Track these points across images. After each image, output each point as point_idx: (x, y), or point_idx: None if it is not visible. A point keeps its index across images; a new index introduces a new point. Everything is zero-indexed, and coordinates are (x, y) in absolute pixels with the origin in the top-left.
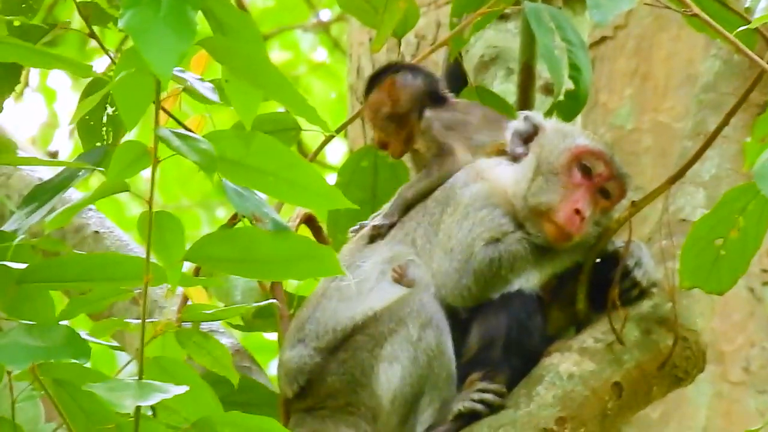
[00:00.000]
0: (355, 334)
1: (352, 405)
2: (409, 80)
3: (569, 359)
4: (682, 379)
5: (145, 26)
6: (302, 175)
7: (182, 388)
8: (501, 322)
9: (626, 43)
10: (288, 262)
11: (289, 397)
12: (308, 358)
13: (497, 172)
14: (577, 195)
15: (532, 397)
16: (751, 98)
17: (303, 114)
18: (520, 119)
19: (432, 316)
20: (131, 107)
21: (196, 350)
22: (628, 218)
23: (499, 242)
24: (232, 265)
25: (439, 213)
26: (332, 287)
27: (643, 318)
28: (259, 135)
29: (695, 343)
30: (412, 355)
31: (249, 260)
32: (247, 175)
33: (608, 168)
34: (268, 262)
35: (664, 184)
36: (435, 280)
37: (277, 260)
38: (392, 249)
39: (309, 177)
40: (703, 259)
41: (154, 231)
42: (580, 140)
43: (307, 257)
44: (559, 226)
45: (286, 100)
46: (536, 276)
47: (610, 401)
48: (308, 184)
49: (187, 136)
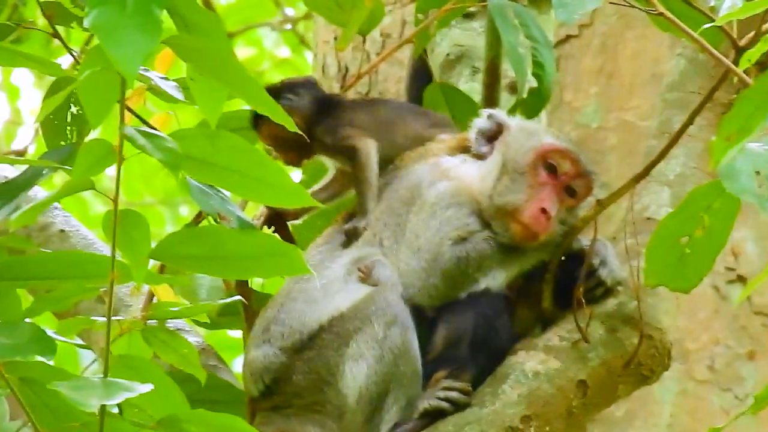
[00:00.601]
0: (321, 333)
1: (318, 403)
2: (295, 103)
3: (535, 357)
4: (647, 377)
5: (111, 25)
6: (267, 173)
7: (148, 386)
8: (467, 320)
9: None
10: (253, 260)
11: (255, 395)
12: (274, 357)
13: (463, 170)
14: (543, 194)
15: (498, 396)
16: (716, 97)
17: (268, 111)
18: (483, 117)
19: (397, 314)
20: (96, 106)
21: (162, 348)
22: (594, 217)
23: (466, 241)
24: (198, 263)
25: (405, 213)
26: (296, 289)
27: (608, 316)
28: (224, 133)
29: (660, 342)
30: (377, 353)
31: (215, 258)
32: (212, 173)
33: (574, 166)
34: (234, 259)
35: (629, 183)
36: (402, 280)
37: (243, 258)
38: (359, 249)
39: (274, 174)
40: (668, 258)
41: (119, 229)
42: (546, 139)
43: (272, 255)
44: (526, 225)
45: (252, 98)
46: (503, 275)
47: (576, 399)
48: (273, 181)
49: (152, 134)
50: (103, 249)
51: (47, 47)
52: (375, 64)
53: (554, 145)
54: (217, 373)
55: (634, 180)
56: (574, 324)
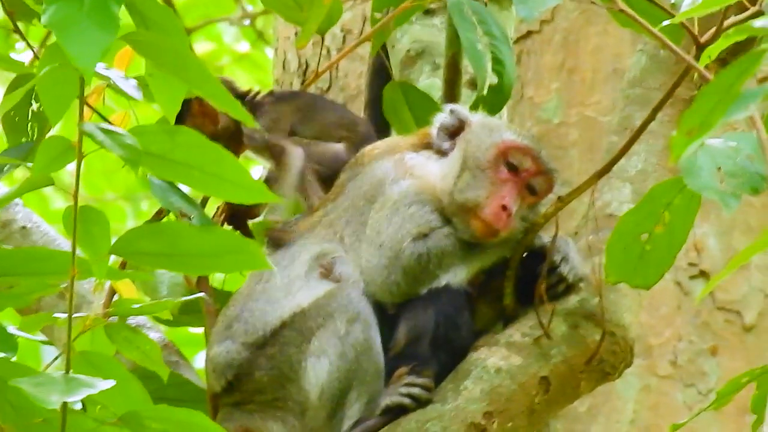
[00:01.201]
0: (283, 330)
1: (280, 400)
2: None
3: (496, 354)
4: (609, 373)
5: (68, 21)
6: (227, 169)
7: (110, 382)
8: (429, 317)
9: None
10: (214, 257)
11: (217, 391)
12: (236, 353)
13: (426, 168)
14: (503, 191)
15: (460, 392)
16: (677, 93)
17: (226, 107)
18: (445, 113)
19: (359, 310)
20: (55, 102)
21: (125, 345)
22: (555, 213)
23: (427, 238)
24: (159, 259)
25: (367, 210)
26: (258, 289)
27: (570, 313)
28: (183, 129)
29: (622, 338)
30: (339, 350)
31: (175, 254)
32: (172, 170)
33: (535, 163)
34: (195, 256)
35: (590, 179)
36: (363, 276)
37: (204, 254)
38: (320, 246)
39: (234, 171)
40: (629, 254)
41: (79, 225)
42: (506, 135)
43: (233, 251)
44: (486, 222)
45: (210, 94)
46: (464, 271)
47: (538, 396)
48: (233, 177)
49: (112, 130)
50: (64, 245)
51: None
52: (335, 61)
53: (515, 142)
54: (178, 370)
55: (596, 176)
56: (535, 321)
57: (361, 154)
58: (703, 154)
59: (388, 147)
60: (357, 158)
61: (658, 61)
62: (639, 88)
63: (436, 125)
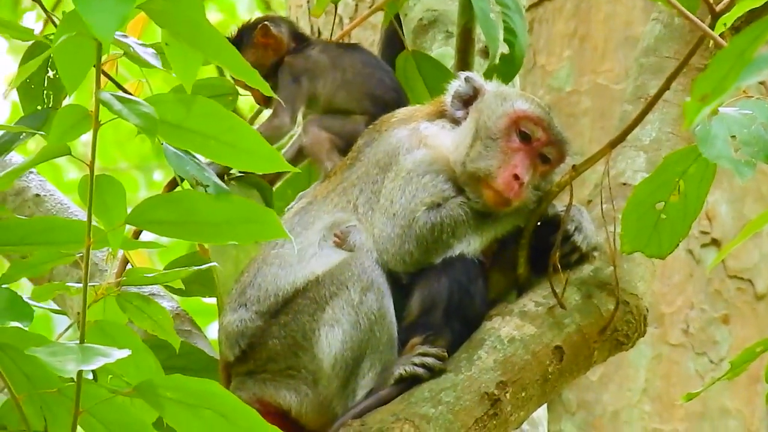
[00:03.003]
0: (296, 298)
1: (293, 368)
2: (274, 28)
3: (510, 323)
4: (623, 343)
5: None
6: (244, 138)
7: (125, 351)
8: (442, 286)
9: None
10: (230, 225)
11: (230, 360)
12: (249, 321)
13: (440, 138)
14: (515, 160)
15: (473, 362)
16: (691, 62)
17: (244, 76)
18: (460, 80)
19: (373, 279)
20: (72, 71)
21: (137, 314)
22: (569, 182)
23: (441, 207)
24: (174, 228)
25: (381, 179)
26: (273, 254)
27: (583, 282)
28: (199, 98)
29: (636, 308)
30: (353, 318)
31: (191, 223)
32: (188, 139)
33: (547, 133)
34: (210, 224)
35: (604, 148)
36: (377, 246)
37: (219, 223)
38: (333, 215)
39: (251, 140)
40: (644, 223)
41: (95, 195)
42: (518, 104)
43: (249, 220)
44: (498, 191)
45: (227, 62)
46: (477, 240)
47: (551, 365)
48: (250, 147)
49: (129, 99)
50: (78, 214)
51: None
52: (348, 30)
53: (527, 111)
54: (191, 339)
55: (610, 145)
56: (549, 290)
57: (380, 120)
58: (717, 123)
59: (405, 115)
60: (375, 124)
61: (672, 29)
62: (653, 57)
63: (450, 93)
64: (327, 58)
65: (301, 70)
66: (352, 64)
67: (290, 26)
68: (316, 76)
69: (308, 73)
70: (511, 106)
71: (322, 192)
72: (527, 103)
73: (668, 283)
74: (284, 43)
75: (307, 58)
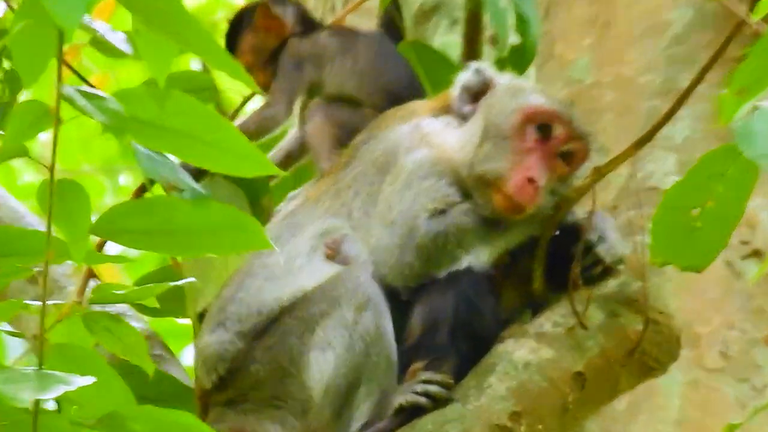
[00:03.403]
0: (282, 317)
1: (279, 397)
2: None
3: (525, 346)
4: (653, 368)
5: None
6: (224, 137)
7: (89, 378)
8: (447, 303)
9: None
10: (209, 235)
11: (207, 388)
12: (229, 344)
13: (444, 136)
14: (529, 161)
15: (483, 389)
16: (727, 51)
17: (224, 68)
18: (469, 72)
19: (369, 296)
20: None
21: (105, 336)
22: (591, 185)
23: (445, 214)
24: (147, 239)
25: (378, 182)
26: (257, 264)
27: (608, 299)
28: (174, 93)
29: (668, 327)
30: (347, 340)
31: (165, 233)
32: (161, 138)
33: (566, 129)
34: (187, 234)
35: (630, 148)
36: (373, 257)
37: (197, 233)
38: (325, 222)
39: (231, 139)
40: (676, 232)
41: (55, 201)
42: (532, 99)
43: (230, 229)
44: (509, 196)
45: (205, 53)
46: (487, 251)
47: (571, 393)
48: (230, 147)
49: (94, 94)
50: (34, 223)
51: None
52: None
53: (541, 106)
54: (163, 365)
55: (636, 145)
56: (568, 308)
57: (382, 116)
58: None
59: (408, 111)
60: (376, 120)
61: (704, 15)
62: (683, 46)
63: (458, 85)
64: (337, 43)
65: (305, 56)
66: (366, 52)
67: (297, 8)
68: (322, 63)
69: (313, 58)
70: (525, 101)
71: (314, 194)
72: (542, 97)
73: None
74: (288, 26)
75: (314, 43)
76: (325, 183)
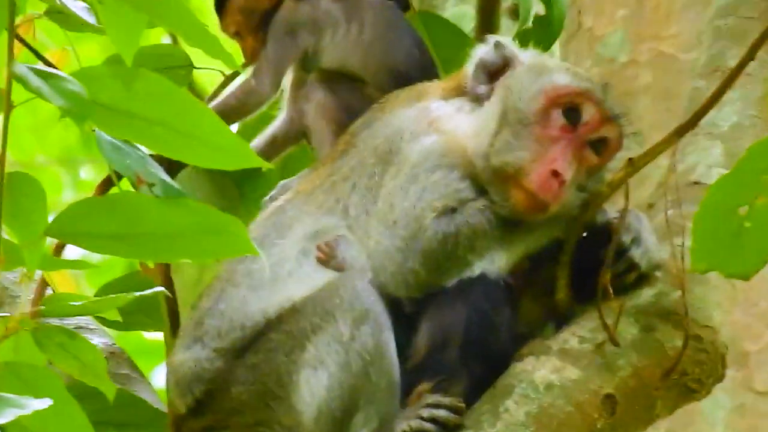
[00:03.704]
0: (268, 332)
1: (264, 423)
2: None
3: (547, 365)
4: (694, 390)
5: None
6: (200, 125)
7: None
8: (457, 316)
9: None
10: (183, 238)
11: (182, 412)
12: (207, 362)
13: (456, 121)
14: (554, 151)
15: (499, 414)
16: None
17: (201, 44)
18: (488, 46)
19: (368, 308)
20: None
21: (60, 354)
22: (624, 180)
23: (456, 213)
24: (111, 242)
25: (379, 173)
26: (240, 271)
27: (642, 311)
28: (142, 73)
29: (711, 344)
30: (342, 359)
31: (132, 236)
32: (128, 125)
33: (598, 112)
34: (158, 237)
35: (669, 136)
36: (372, 262)
37: (170, 235)
38: (318, 221)
39: (208, 127)
40: (721, 234)
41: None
42: (558, 78)
43: (208, 231)
44: (531, 192)
45: (179, 27)
46: (504, 256)
47: (601, 419)
48: (207, 136)
49: (51, 73)
50: None
51: None
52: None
53: (569, 86)
54: (131, 386)
55: (677, 132)
56: (597, 321)
57: (387, 98)
58: None
59: (415, 93)
60: (380, 102)
61: None
62: (732, 18)
63: (473, 62)
64: (340, 9)
65: (301, 21)
66: (374, 22)
67: None
68: (321, 30)
69: (311, 24)
70: (549, 81)
71: (307, 186)
72: (569, 76)
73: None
74: None
75: (314, 6)
76: (319, 175)
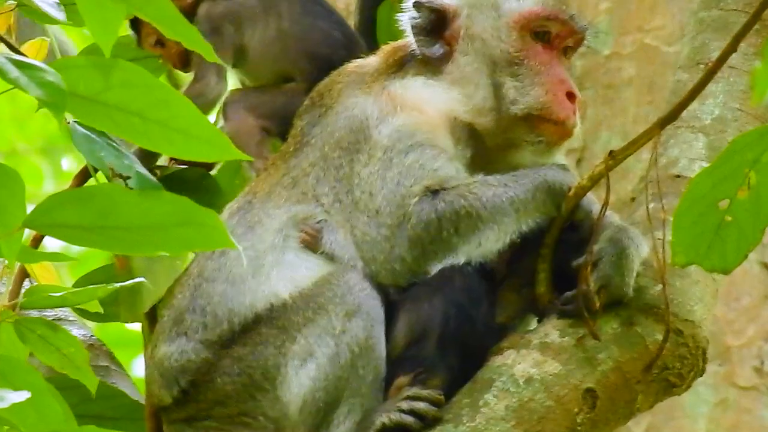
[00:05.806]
0: (258, 326)
1: (248, 414)
2: None
3: (527, 358)
4: (675, 384)
5: None
6: (179, 116)
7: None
8: (435, 308)
9: None
10: (160, 231)
11: (166, 404)
12: (194, 353)
13: (423, 94)
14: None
15: (478, 408)
16: (764, 17)
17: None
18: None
19: (361, 302)
20: None
21: (40, 346)
22: (605, 173)
23: (438, 194)
24: (87, 234)
25: (347, 164)
26: (211, 267)
27: (624, 305)
28: (121, 63)
29: (692, 338)
30: (332, 351)
31: (109, 228)
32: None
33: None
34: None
35: (652, 128)
36: (361, 254)
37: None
38: (290, 210)
39: (186, 118)
40: (702, 227)
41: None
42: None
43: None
44: (560, 121)
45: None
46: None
47: (581, 413)
48: (187, 127)
49: (28, 64)
50: None
51: None
52: None
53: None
54: (110, 378)
55: (659, 125)
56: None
57: (319, 90)
58: None
59: (355, 77)
60: (313, 98)
61: None
62: (715, 10)
63: (407, 29)
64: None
65: (221, 17)
66: (290, 9)
67: None
68: (242, 23)
69: (231, 18)
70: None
71: (264, 187)
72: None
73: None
74: None
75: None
76: (272, 176)
